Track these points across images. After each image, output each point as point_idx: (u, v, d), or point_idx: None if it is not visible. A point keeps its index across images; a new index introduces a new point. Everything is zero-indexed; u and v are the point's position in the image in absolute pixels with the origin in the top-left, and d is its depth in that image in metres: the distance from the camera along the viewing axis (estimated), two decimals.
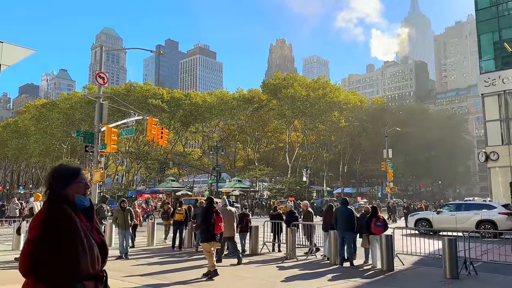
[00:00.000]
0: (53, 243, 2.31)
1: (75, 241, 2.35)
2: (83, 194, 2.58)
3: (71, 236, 2.36)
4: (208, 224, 9.50)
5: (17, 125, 78.11)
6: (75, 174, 2.58)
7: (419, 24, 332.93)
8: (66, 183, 2.52)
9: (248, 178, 64.66)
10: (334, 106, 65.60)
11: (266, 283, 9.05)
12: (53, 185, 2.52)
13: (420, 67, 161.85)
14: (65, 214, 2.41)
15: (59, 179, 2.53)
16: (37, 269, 2.28)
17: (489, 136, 30.45)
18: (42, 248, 2.30)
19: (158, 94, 66.32)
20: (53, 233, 2.33)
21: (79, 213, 2.49)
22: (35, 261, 2.29)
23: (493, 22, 31.67)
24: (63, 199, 2.47)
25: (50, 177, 2.55)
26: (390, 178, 41.04)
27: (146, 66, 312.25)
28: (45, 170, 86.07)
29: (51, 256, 2.29)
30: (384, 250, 10.54)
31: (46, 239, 2.31)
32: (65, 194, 2.49)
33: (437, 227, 19.26)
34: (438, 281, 9.19)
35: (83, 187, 2.58)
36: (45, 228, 2.35)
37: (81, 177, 2.57)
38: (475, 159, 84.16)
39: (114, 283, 8.58)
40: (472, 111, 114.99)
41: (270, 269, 10.87)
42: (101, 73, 16.39)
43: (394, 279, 9.65)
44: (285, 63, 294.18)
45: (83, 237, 2.40)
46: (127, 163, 70.78)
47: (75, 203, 2.51)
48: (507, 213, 18.54)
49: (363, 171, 78.02)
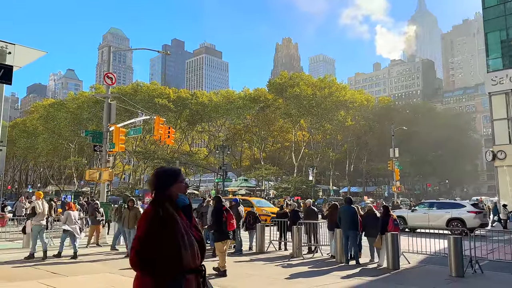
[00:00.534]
0: (158, 239, 2.54)
1: (177, 237, 2.58)
2: (184, 193, 2.81)
3: (174, 233, 2.58)
4: (219, 223, 9.59)
5: (25, 125, 78.90)
6: (177, 175, 2.81)
7: (426, 22, 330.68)
8: (169, 183, 2.75)
9: (254, 177, 64.79)
10: (340, 105, 65.50)
11: (273, 280, 9.16)
12: (157, 186, 2.75)
13: (427, 66, 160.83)
14: (168, 212, 2.63)
15: (163, 180, 2.77)
16: (144, 264, 2.51)
17: (497, 135, 30.32)
18: (148, 244, 2.53)
19: (165, 94, 66.68)
20: (157, 231, 2.56)
21: (179, 212, 2.71)
22: (142, 257, 2.52)
23: (501, 20, 31.52)
24: (167, 199, 2.70)
25: (155, 179, 2.78)
26: (397, 177, 40.93)
27: (152, 66, 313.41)
28: (53, 169, 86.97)
29: (157, 252, 2.52)
30: (390, 249, 10.62)
31: (151, 236, 2.54)
32: (168, 194, 2.73)
33: (411, 224, 20.16)
34: (444, 279, 9.25)
35: (184, 187, 2.82)
36: (150, 226, 2.58)
37: (181, 178, 2.82)
38: (483, 158, 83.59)
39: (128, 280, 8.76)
40: (480, 110, 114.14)
41: (276, 266, 10.98)
42: (109, 73, 16.58)
43: (400, 277, 9.72)
44: (291, 62, 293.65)
45: (184, 233, 2.62)
46: (134, 163, 71.21)
47: (176, 202, 2.73)
48: (475, 211, 19.92)
49: (369, 170, 77.80)
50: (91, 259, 11.90)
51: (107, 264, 11.15)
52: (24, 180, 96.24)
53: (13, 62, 7.84)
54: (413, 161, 72.68)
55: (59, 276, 9.15)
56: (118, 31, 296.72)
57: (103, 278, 9.12)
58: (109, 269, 10.22)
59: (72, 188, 69.91)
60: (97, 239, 15.04)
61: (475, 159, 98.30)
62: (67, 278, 9.07)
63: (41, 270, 9.90)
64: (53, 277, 9.00)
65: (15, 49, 7.78)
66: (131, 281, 2.71)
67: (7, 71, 7.35)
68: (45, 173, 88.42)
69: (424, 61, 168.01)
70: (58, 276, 9.21)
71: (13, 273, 9.40)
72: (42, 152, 73.11)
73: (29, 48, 8.19)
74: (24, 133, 75.65)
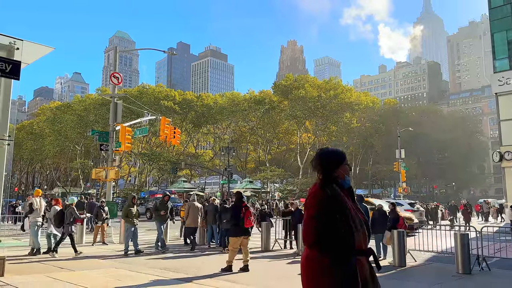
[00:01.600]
0: (333, 220, 2.53)
1: (348, 218, 2.56)
2: (348, 175, 2.82)
3: (345, 213, 2.57)
4: (237, 219, 9.58)
5: (32, 127, 79.39)
6: (343, 157, 2.83)
7: (432, 24, 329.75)
8: (336, 165, 2.76)
9: (260, 179, 64.70)
10: (346, 107, 65.32)
11: (282, 275, 9.20)
12: (326, 167, 2.75)
13: (433, 68, 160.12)
14: (337, 193, 2.63)
15: (331, 162, 2.77)
16: (321, 241, 2.49)
17: (504, 136, 30.07)
18: (322, 223, 2.51)
19: (170, 96, 66.83)
20: (329, 210, 2.55)
21: (345, 192, 2.71)
22: (318, 234, 2.50)
23: (507, 20, 31.36)
24: (334, 180, 2.70)
25: (321, 160, 2.79)
26: (403, 178, 40.68)
27: (158, 69, 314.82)
28: (59, 172, 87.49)
29: (330, 230, 2.50)
30: (396, 246, 10.59)
31: (327, 216, 2.53)
32: (336, 176, 2.72)
33: None
34: (451, 276, 9.20)
35: (347, 169, 2.82)
36: (321, 206, 2.57)
37: (346, 160, 2.82)
38: (490, 160, 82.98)
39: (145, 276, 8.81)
40: (487, 112, 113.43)
41: (282, 263, 11.02)
42: (115, 73, 16.69)
43: (407, 274, 9.68)
44: (296, 65, 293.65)
45: (354, 214, 2.61)
46: (139, 165, 71.43)
47: (341, 183, 2.73)
48: (411, 210, 21.81)
49: (375, 173, 77.46)
50: (97, 255, 11.96)
51: (114, 260, 11.21)
52: (31, 182, 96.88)
53: (21, 58, 7.90)
54: (419, 163, 72.31)
55: (66, 271, 9.22)
56: (125, 34, 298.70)
57: (110, 272, 9.16)
58: (116, 265, 10.27)
59: (78, 190, 70.28)
60: (102, 237, 15.11)
61: (482, 162, 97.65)
62: (74, 272, 9.12)
63: (47, 265, 9.97)
64: (60, 271, 9.06)
65: (23, 45, 7.85)
66: (139, 276, 2.69)
67: (15, 66, 7.43)
68: (51, 175, 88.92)
69: (430, 63, 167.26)
70: (64, 270, 9.27)
71: (19, 268, 9.47)
72: (48, 154, 73.49)
73: (36, 44, 8.27)
74: (30, 136, 76.14)
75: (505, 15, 31.49)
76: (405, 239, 10.74)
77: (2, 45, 7.72)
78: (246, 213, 9.58)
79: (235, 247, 9.46)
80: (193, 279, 8.43)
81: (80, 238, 14.97)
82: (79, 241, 14.90)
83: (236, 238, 9.49)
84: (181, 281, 8.29)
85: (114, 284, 7.80)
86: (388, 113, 74.47)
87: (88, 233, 17.16)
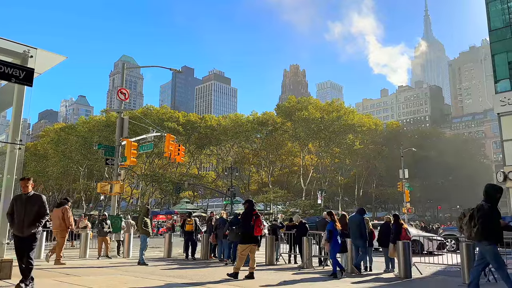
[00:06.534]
0: None
1: None
2: None
3: None
4: (247, 226, 9.56)
5: (36, 149, 79.69)
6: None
7: (433, 49, 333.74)
8: None
9: (262, 201, 64.38)
10: (349, 128, 65.60)
11: (285, 283, 9.20)
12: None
13: (435, 92, 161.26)
14: None
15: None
16: None
17: (507, 156, 30.04)
18: None
19: (174, 117, 67.36)
20: None
21: None
22: None
23: (507, 42, 31.82)
24: None
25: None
26: (407, 198, 40.48)
27: (162, 92, 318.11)
28: (62, 193, 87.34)
29: None
30: (401, 257, 10.53)
31: None
32: None
33: None
34: (457, 286, 9.13)
35: None
36: None
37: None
38: (494, 182, 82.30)
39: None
40: (490, 136, 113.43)
41: (287, 273, 11.00)
42: (122, 89, 17.03)
43: (412, 285, 9.61)
44: (298, 88, 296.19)
45: None
46: (142, 186, 71.36)
47: None
48: None
49: (379, 195, 77.03)
50: (102, 265, 11.96)
51: (119, 269, 11.24)
52: None
53: (35, 66, 8.14)
54: (423, 186, 71.93)
55: (72, 276, 9.28)
56: (130, 58, 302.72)
57: (116, 277, 9.24)
58: (122, 272, 10.32)
59: (80, 212, 69.99)
60: (106, 251, 15.06)
61: None
62: (80, 277, 9.15)
63: (53, 272, 9.99)
64: (66, 277, 9.11)
65: (36, 53, 8.11)
66: (144, 280, 2.76)
67: (28, 73, 7.64)
68: (54, 197, 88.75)
69: (432, 87, 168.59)
70: (71, 276, 9.33)
71: None
72: (52, 175, 73.55)
73: (50, 52, 8.54)
74: (34, 157, 76.30)
75: (505, 37, 32.00)
76: (409, 250, 10.69)
77: (17, 53, 7.98)
78: (256, 221, 9.58)
79: (244, 254, 9.46)
80: (199, 284, 8.49)
81: (84, 252, 14.92)
82: (82, 254, 14.87)
83: (245, 245, 9.50)
84: (187, 285, 8.39)
85: (121, 287, 7.87)
86: (391, 135, 74.61)
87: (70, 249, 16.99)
